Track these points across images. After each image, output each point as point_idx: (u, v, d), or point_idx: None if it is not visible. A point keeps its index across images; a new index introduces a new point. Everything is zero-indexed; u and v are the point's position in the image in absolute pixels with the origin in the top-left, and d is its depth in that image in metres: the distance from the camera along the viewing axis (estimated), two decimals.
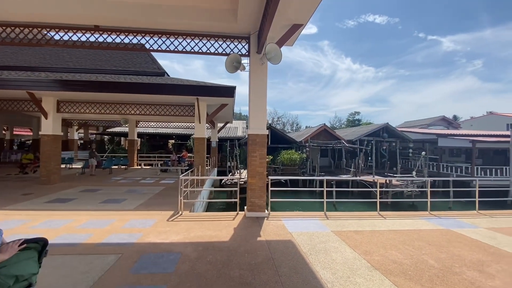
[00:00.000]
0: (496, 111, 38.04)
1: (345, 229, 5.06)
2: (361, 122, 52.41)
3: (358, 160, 18.04)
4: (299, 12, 5.44)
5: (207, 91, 9.11)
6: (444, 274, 3.26)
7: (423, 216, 6.14)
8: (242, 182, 11.05)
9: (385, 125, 22.13)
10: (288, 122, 58.31)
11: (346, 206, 13.22)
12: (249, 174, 5.97)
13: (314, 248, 4.04)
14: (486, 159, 23.08)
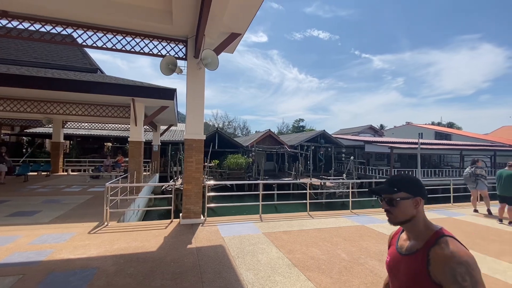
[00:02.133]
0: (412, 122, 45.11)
1: (276, 230, 5.34)
2: (305, 128, 56.05)
3: (298, 164, 19.23)
4: (236, 21, 5.62)
5: (144, 92, 8.60)
6: (351, 266, 3.73)
7: (345, 214, 6.90)
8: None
9: (322, 132, 24.21)
10: (239, 126, 58.80)
11: (286, 208, 13.95)
12: (185, 180, 5.84)
13: (242, 251, 4.16)
14: (403, 163, 27.16)
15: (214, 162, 20.05)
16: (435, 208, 8.03)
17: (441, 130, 39.55)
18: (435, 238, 1.09)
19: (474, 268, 0.97)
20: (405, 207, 1.14)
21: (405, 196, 1.14)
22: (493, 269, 3.71)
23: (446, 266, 0.99)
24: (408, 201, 1.14)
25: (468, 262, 0.97)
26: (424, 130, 39.39)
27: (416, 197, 1.14)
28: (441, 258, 1.02)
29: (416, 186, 1.16)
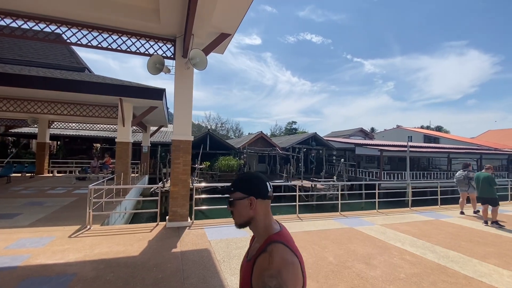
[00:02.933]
0: (402, 125, 45.91)
1: None
2: (297, 130, 56.32)
3: (289, 166, 19.24)
4: (225, 21, 5.56)
5: (132, 92, 8.42)
6: (338, 269, 3.68)
7: (334, 216, 6.88)
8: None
9: (314, 135, 24.34)
10: (231, 128, 58.59)
11: (277, 210, 13.89)
12: (172, 182, 5.71)
13: (229, 255, 4.06)
14: (393, 165, 27.54)
15: (205, 164, 19.86)
16: (423, 210, 8.11)
17: (430, 133, 40.38)
18: (266, 244, 0.99)
19: (287, 280, 0.87)
20: (241, 208, 1.06)
21: (240, 196, 1.06)
22: (479, 272, 3.72)
23: (259, 279, 0.91)
24: (244, 201, 1.05)
25: (282, 274, 0.87)
26: (413, 133, 40.13)
27: (249, 196, 1.05)
28: (258, 269, 0.94)
29: (250, 184, 1.07)
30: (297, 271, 0.92)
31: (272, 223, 1.07)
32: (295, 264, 0.92)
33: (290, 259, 0.93)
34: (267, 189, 1.07)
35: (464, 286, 3.29)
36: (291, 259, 0.93)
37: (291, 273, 0.89)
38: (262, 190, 1.07)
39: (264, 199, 1.06)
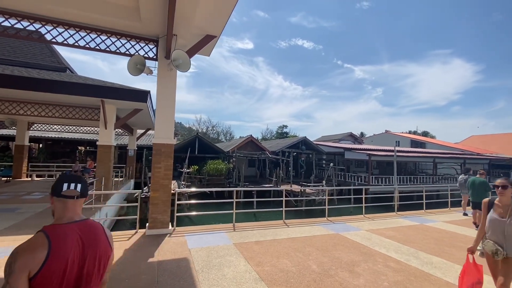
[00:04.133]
0: (390, 130, 46.79)
1: (248, 240, 5.10)
2: (288, 134, 56.52)
3: (279, 170, 19.15)
4: (210, 22, 5.44)
5: (114, 94, 8.13)
6: (321, 278, 3.55)
7: (320, 222, 6.78)
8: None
9: (303, 139, 24.41)
10: (222, 131, 58.18)
11: (266, 215, 13.72)
12: (152, 187, 5.48)
13: (208, 264, 3.87)
14: (381, 169, 27.88)
15: (193, 168, 19.51)
16: (409, 215, 8.13)
17: (417, 138, 41.30)
18: None
19: (16, 259, 1.04)
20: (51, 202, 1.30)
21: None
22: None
23: None
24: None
25: (13, 254, 1.06)
26: (401, 138, 40.93)
27: (50, 194, 1.27)
28: None
29: (53, 184, 1.27)
30: (27, 256, 1.05)
31: (64, 217, 1.23)
32: (27, 250, 1.06)
33: (26, 245, 1.09)
34: (61, 189, 1.24)
35: None
36: (26, 245, 1.09)
37: (20, 253, 1.05)
38: (56, 189, 1.24)
39: (59, 197, 1.24)
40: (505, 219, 2.67)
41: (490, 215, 2.82)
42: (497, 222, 2.72)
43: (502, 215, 2.72)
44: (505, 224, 2.65)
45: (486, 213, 2.88)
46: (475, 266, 2.80)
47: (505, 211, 2.71)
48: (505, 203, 2.75)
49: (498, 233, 2.70)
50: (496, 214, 2.77)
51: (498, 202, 2.82)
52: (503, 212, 2.72)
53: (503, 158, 30.62)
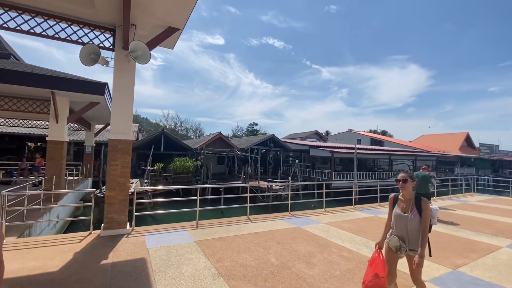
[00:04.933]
0: (353, 129, 49.58)
1: (210, 237, 5.07)
2: (258, 132, 57.02)
3: (247, 167, 19.28)
4: (172, 14, 5.24)
5: (66, 85, 7.47)
6: (279, 270, 3.68)
7: (284, 217, 6.99)
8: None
9: (272, 136, 24.85)
10: (191, 128, 56.60)
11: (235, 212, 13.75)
12: (108, 186, 5.16)
13: (167, 263, 3.78)
14: (344, 166, 29.46)
15: (158, 166, 18.78)
16: (364, 208, 8.74)
17: (376, 137, 44.37)
18: None
19: None
20: None
21: None
22: (404, 264, 4.05)
23: None
24: None
25: None
26: (362, 136, 43.66)
27: None
28: None
29: None
30: None
31: None
32: None
33: None
34: None
35: None
36: None
37: None
38: None
39: None
40: (407, 214, 2.64)
41: (395, 210, 2.78)
42: (400, 218, 2.69)
43: (404, 210, 2.69)
44: (407, 219, 2.63)
45: (392, 208, 2.85)
46: (381, 261, 2.73)
47: (407, 206, 2.67)
48: (407, 197, 2.72)
49: (401, 229, 2.68)
50: (399, 209, 2.73)
51: (401, 197, 2.78)
52: (405, 207, 2.69)
53: (449, 155, 34.30)
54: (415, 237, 2.60)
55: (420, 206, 2.60)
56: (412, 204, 2.65)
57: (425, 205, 2.60)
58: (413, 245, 2.61)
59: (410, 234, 2.61)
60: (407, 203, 2.69)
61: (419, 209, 2.60)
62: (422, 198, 2.66)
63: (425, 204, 2.60)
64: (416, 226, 2.60)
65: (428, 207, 2.60)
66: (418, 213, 2.59)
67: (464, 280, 3.59)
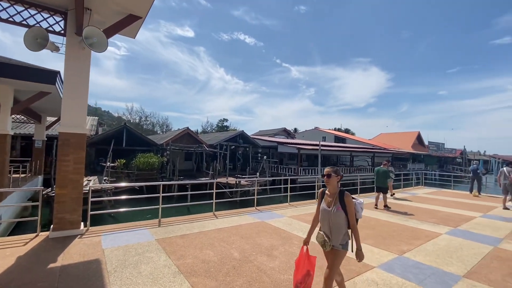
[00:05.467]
0: (319, 127, 51.57)
1: (173, 234, 4.95)
2: (229, 128, 56.61)
3: (216, 163, 19.09)
4: (131, 0, 4.95)
5: (8, 72, 6.66)
6: (241, 264, 3.73)
7: (249, 212, 7.08)
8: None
9: (241, 133, 24.89)
10: (158, 123, 54.11)
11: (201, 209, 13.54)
12: (59, 183, 4.75)
13: (124, 264, 3.61)
14: (310, 162, 30.64)
15: (119, 162, 17.73)
16: None
17: (339, 135, 46.79)
18: None
19: None
20: None
21: None
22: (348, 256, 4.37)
23: None
24: None
25: None
26: (327, 134, 45.72)
27: None
28: None
29: None
30: None
31: None
32: None
33: None
34: None
35: (343, 266, 3.78)
36: None
37: None
38: None
39: None
40: (330, 209, 2.59)
41: (322, 205, 2.72)
42: (325, 212, 2.64)
43: (329, 204, 2.63)
44: (330, 214, 2.58)
45: (319, 203, 2.78)
46: (308, 258, 2.69)
47: (332, 200, 2.62)
48: (332, 191, 2.67)
49: (326, 223, 2.63)
50: (325, 203, 2.67)
51: (328, 192, 2.73)
52: (330, 201, 2.63)
53: (403, 152, 37.47)
54: (338, 232, 2.54)
55: (343, 201, 2.56)
56: (336, 198, 2.60)
57: (348, 199, 2.56)
58: (335, 240, 2.56)
59: (333, 229, 2.56)
60: (332, 197, 2.64)
61: (343, 203, 2.56)
62: (345, 192, 2.59)
63: (348, 199, 2.56)
64: (339, 220, 2.54)
65: (351, 201, 2.57)
66: (342, 208, 2.55)
67: (408, 265, 3.97)
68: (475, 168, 11.63)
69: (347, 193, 2.59)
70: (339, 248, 2.55)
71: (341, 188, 2.67)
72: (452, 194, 12.09)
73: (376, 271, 3.70)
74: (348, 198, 2.56)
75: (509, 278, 3.61)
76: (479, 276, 3.63)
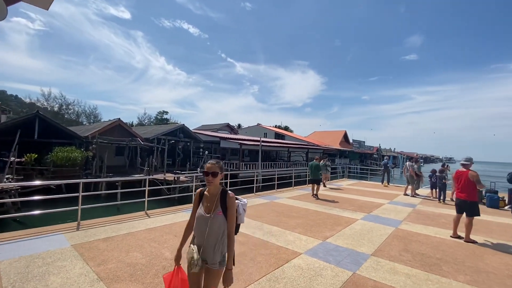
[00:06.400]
0: (261, 124, 53.17)
1: (94, 238, 4.42)
2: (169, 121, 53.40)
3: (152, 159, 17.84)
4: None
5: None
6: (172, 264, 3.55)
7: (186, 208, 6.87)
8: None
9: (181, 126, 23.82)
10: (84, 112, 47.12)
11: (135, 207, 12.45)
12: None
13: (26, 277, 3.05)
14: (252, 157, 31.39)
15: (29, 157, 14.90)
16: (263, 195, 9.60)
17: (279, 131, 49.29)
18: None
19: None
20: None
21: None
22: (287, 241, 4.70)
23: None
24: None
25: None
26: (268, 131, 47.60)
27: None
28: None
29: None
30: None
31: None
32: None
33: None
34: None
35: (274, 255, 4.03)
36: None
37: None
38: None
39: None
40: (209, 215, 1.97)
41: (198, 210, 2.06)
42: (202, 220, 1.99)
43: (208, 209, 2.01)
44: (208, 221, 1.96)
45: (195, 207, 2.11)
46: (180, 277, 2.08)
47: (212, 204, 2.01)
48: (213, 192, 2.06)
49: (201, 234, 1.98)
50: (203, 208, 2.04)
51: (207, 193, 2.08)
52: (209, 205, 2.02)
53: (332, 148, 41.85)
54: (216, 245, 1.94)
55: (225, 203, 2.00)
56: (217, 200, 2.01)
57: (231, 201, 2.02)
58: (211, 257, 1.94)
59: (210, 241, 1.94)
60: (212, 200, 2.03)
61: (224, 206, 2.00)
62: (228, 192, 2.05)
63: (231, 200, 2.02)
64: (219, 230, 1.96)
65: (234, 203, 2.03)
66: (223, 212, 1.99)
67: (329, 249, 4.45)
68: (386, 163, 13.79)
69: (230, 193, 2.05)
70: (215, 267, 1.94)
71: (223, 187, 2.10)
72: (369, 185, 14.09)
73: (303, 257, 4.03)
74: (232, 200, 2.02)
75: (404, 252, 4.41)
76: (383, 253, 4.33)
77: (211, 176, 2.00)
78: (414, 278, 3.47)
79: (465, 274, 3.66)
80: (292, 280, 3.28)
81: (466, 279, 3.51)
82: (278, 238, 4.81)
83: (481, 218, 5.60)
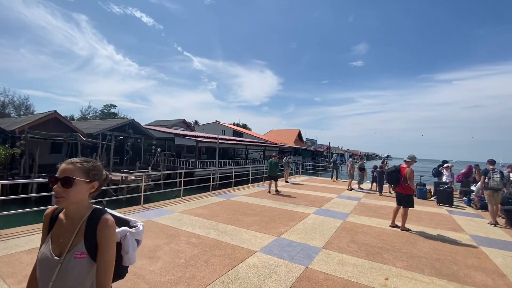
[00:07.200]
0: (219, 121, 52.35)
1: (16, 250, 3.75)
2: (117, 116, 48.88)
3: (95, 157, 16.13)
4: None
5: None
6: None
7: (134, 211, 6.33)
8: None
9: (131, 121, 22.01)
10: (12, 103, 40.09)
11: None
12: None
13: None
14: (209, 155, 30.71)
15: None
16: (220, 193, 9.42)
17: (237, 129, 49.24)
18: None
19: None
20: None
21: None
22: (243, 240, 4.64)
23: None
24: None
25: None
26: (226, 128, 47.14)
27: None
28: None
29: None
30: None
31: None
32: None
33: None
34: None
35: (229, 255, 3.93)
36: None
37: None
38: None
39: None
40: (59, 259, 1.08)
41: (42, 249, 1.14)
42: (47, 265, 1.09)
43: (60, 247, 1.12)
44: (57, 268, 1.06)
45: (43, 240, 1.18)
46: None
47: (69, 235, 1.12)
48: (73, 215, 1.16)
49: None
50: (51, 245, 1.13)
51: (62, 216, 1.18)
52: (63, 239, 1.12)
53: (287, 146, 43.46)
54: None
55: (95, 236, 1.12)
56: (79, 232, 1.13)
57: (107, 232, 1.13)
58: None
59: None
60: (70, 229, 1.14)
61: (92, 242, 1.11)
62: (104, 216, 1.16)
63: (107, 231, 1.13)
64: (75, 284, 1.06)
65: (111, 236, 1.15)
66: (88, 253, 1.10)
67: (283, 244, 4.53)
68: (335, 160, 14.85)
69: (105, 218, 1.16)
70: None
71: (95, 207, 1.23)
72: (320, 180, 14.95)
73: (258, 255, 4.02)
74: (108, 231, 1.14)
75: (351, 243, 4.72)
76: (333, 246, 4.57)
77: (59, 186, 1.09)
78: (360, 267, 3.73)
79: (402, 260, 4.07)
80: (246, 280, 3.22)
81: (403, 264, 3.91)
82: (234, 237, 4.73)
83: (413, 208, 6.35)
